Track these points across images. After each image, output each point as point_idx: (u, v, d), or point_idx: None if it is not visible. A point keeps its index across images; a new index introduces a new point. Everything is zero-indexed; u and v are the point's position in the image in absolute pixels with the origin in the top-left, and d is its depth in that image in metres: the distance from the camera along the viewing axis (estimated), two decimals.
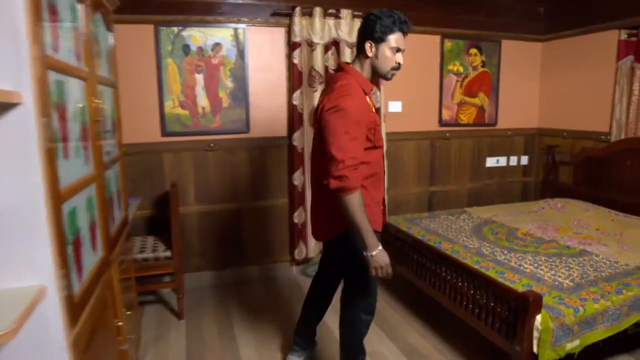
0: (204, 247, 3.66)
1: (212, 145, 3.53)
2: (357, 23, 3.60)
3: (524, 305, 2.03)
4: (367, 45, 1.94)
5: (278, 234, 3.84)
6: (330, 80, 2.02)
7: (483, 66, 4.32)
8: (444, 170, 4.34)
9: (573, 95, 4.29)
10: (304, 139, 3.66)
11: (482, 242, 3.06)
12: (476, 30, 4.19)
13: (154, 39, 3.30)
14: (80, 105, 1.51)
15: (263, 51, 3.58)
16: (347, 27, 3.62)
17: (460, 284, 2.56)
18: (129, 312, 2.13)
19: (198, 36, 3.40)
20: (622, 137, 3.85)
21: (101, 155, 1.77)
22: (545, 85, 4.59)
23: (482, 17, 4.21)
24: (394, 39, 1.93)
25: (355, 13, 3.63)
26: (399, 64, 1.98)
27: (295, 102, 3.59)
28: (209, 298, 3.50)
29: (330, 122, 1.80)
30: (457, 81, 4.23)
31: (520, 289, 2.21)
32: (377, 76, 2.07)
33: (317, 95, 3.61)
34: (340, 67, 2.05)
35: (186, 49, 3.39)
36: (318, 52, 3.58)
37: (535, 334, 2.03)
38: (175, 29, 3.33)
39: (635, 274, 2.47)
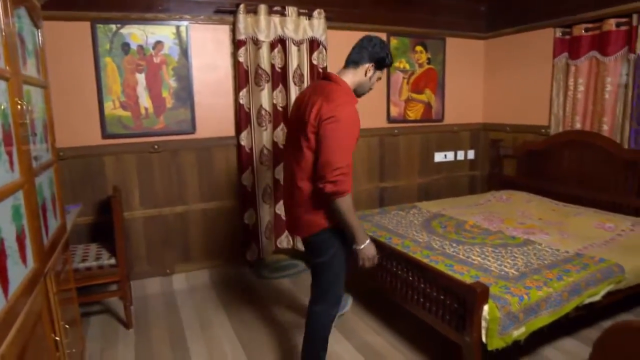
0: (152, 252, 3.53)
1: (156, 147, 3.41)
2: (303, 20, 3.60)
3: (472, 297, 2.07)
4: (368, 66, 2.08)
5: (228, 236, 3.76)
6: (321, 88, 2.06)
7: (429, 63, 4.40)
8: (393, 166, 4.39)
9: (514, 91, 4.45)
10: (252, 138, 3.60)
11: (431, 235, 3.11)
12: (421, 28, 4.27)
13: (90, 37, 3.15)
14: (1, 107, 1.40)
15: (207, 49, 3.49)
16: (293, 24, 3.59)
17: (411, 278, 2.58)
18: (69, 326, 2.01)
19: (138, 34, 3.27)
20: (560, 130, 4.02)
21: (29, 160, 1.65)
22: (489, 81, 4.73)
23: (426, 15, 4.29)
24: (384, 70, 2.19)
25: (301, 10, 3.60)
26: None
27: (242, 101, 3.52)
28: (159, 305, 3.37)
29: (328, 130, 1.91)
30: (403, 78, 4.29)
31: (468, 280, 2.26)
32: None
33: (264, 94, 3.56)
34: (330, 77, 2.11)
35: (126, 47, 3.25)
36: (264, 50, 3.53)
37: (484, 323, 2.07)
38: (114, 26, 3.19)
39: (575, 260, 2.59)
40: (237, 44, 3.48)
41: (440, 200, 4.16)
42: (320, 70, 3.72)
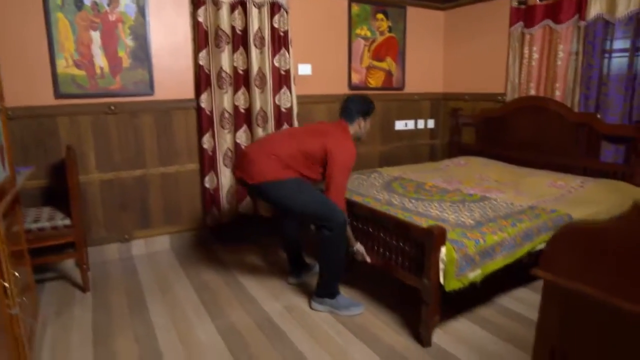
0: (109, 218, 3.45)
1: (113, 108, 3.31)
2: None
3: (430, 240, 2.12)
4: (361, 119, 2.79)
5: (189, 200, 3.71)
6: (331, 125, 2.79)
7: (390, 31, 4.43)
8: None
9: (473, 60, 4.54)
10: (212, 100, 3.54)
11: (391, 194, 3.16)
12: None
13: None
14: None
15: (165, 9, 3.40)
16: None
17: (370, 230, 2.63)
18: (18, 274, 1.94)
19: None
20: (516, 96, 4.14)
21: None
22: (449, 51, 4.81)
23: None
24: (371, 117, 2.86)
25: None
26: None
27: (201, 63, 3.45)
28: (117, 271, 3.30)
29: (342, 169, 2.57)
30: (365, 45, 4.31)
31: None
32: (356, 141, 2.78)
33: (224, 56, 3.51)
34: (342, 126, 2.75)
35: (79, 3, 3.12)
36: (224, 11, 3.46)
37: (441, 265, 2.13)
38: None
39: (528, 212, 2.69)
40: (196, 4, 3.40)
41: (401, 166, 4.23)
42: (282, 34, 3.68)
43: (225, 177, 3.66)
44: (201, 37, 3.43)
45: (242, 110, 3.65)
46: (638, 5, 3.24)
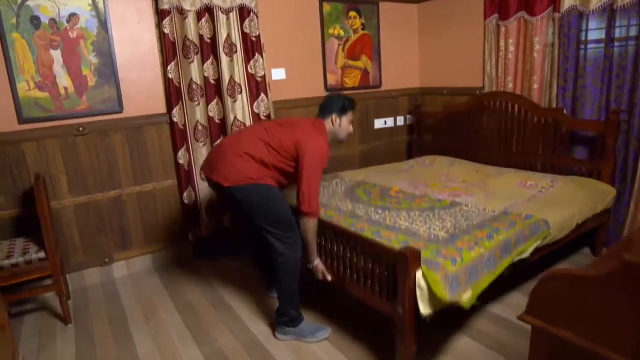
0: (87, 242, 3.34)
1: (81, 129, 3.18)
2: None
3: (403, 263, 1.97)
4: (335, 115, 2.61)
5: (168, 218, 3.61)
6: (306, 120, 2.65)
7: (363, 29, 4.34)
8: None
9: (449, 54, 4.49)
10: (184, 114, 3.43)
11: (356, 204, 3.02)
12: None
13: None
14: None
15: (128, 21, 3.25)
16: None
17: (336, 249, 2.50)
18: None
19: (49, 6, 2.98)
20: (494, 90, 4.11)
21: None
22: (424, 46, 4.75)
23: None
24: (351, 114, 2.69)
25: None
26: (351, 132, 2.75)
27: (170, 76, 3.33)
28: (99, 297, 3.21)
29: (311, 163, 2.41)
30: (339, 45, 4.21)
31: (397, 246, 2.16)
32: (336, 142, 2.72)
33: (194, 67, 3.39)
34: (318, 123, 2.62)
35: (36, 21, 2.96)
36: (190, 20, 3.33)
37: (418, 291, 1.98)
38: None
39: (502, 219, 2.61)
40: (161, 14, 3.26)
41: (363, 169, 4.11)
42: (254, 39, 3.57)
43: (204, 191, 3.56)
44: (168, 49, 3.30)
45: (217, 122, 3.54)
46: None
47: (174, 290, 3.24)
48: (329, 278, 2.54)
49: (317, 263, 2.55)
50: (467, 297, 2.09)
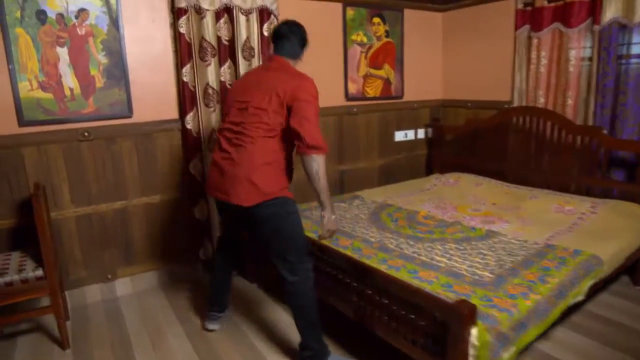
0: (89, 256, 3.07)
1: (86, 134, 2.92)
2: None
3: (457, 320, 1.67)
4: (302, 50, 2.35)
5: (177, 232, 3.34)
6: (281, 65, 2.24)
7: (387, 36, 4.12)
8: (353, 148, 4.11)
9: (475, 65, 4.28)
10: (199, 121, 3.18)
11: (383, 232, 2.78)
12: None
13: None
14: None
15: (142, 19, 3.01)
16: None
17: (369, 291, 2.14)
18: None
19: (56, 0, 2.74)
20: (524, 104, 3.89)
21: None
22: (448, 56, 4.53)
23: None
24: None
25: None
26: None
27: (185, 79, 3.08)
28: (101, 317, 2.93)
29: (308, 105, 2.04)
30: (361, 52, 3.99)
31: (440, 291, 1.95)
32: None
33: (210, 70, 3.15)
34: (282, 61, 2.25)
35: (42, 15, 2.71)
36: (208, 19, 3.10)
37: (471, 351, 1.70)
38: None
39: (549, 254, 2.39)
40: (177, 13, 3.02)
41: (383, 188, 3.90)
42: None
43: None
44: (184, 50, 3.06)
45: None
46: None
47: (182, 312, 2.97)
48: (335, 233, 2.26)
49: (333, 217, 2.19)
50: (507, 356, 1.81)
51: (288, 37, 2.26)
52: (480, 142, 4.08)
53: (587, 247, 2.46)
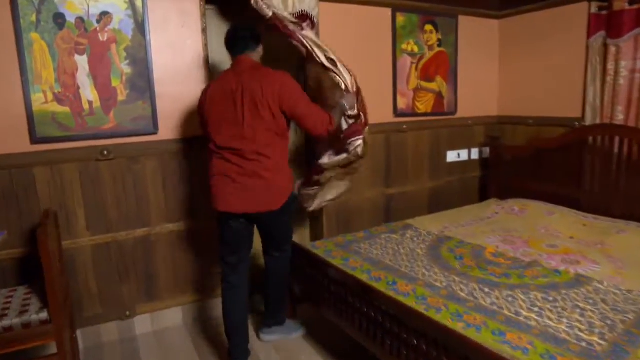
0: (105, 290, 2.72)
1: (106, 153, 2.59)
2: None
3: None
4: (261, 48, 2.36)
5: (205, 263, 2.97)
6: (251, 65, 2.28)
7: (439, 45, 3.70)
8: (400, 169, 3.68)
9: (537, 77, 3.81)
10: None
11: (448, 275, 2.31)
12: (430, 3, 3.55)
13: (9, 5, 2.29)
14: None
15: (171, 24, 2.69)
16: None
17: (435, 353, 1.73)
18: None
19: (76, 2, 2.44)
20: (598, 122, 3.41)
21: None
22: (505, 67, 4.07)
23: None
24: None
25: None
26: None
27: None
28: (116, 359, 2.57)
29: (299, 99, 2.24)
30: (412, 63, 3.57)
31: None
32: None
33: None
34: (248, 60, 2.30)
35: (60, 19, 2.41)
36: None
37: None
38: None
39: None
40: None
41: (436, 215, 3.44)
42: None
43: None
44: None
45: None
46: None
47: (208, 353, 2.59)
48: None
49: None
50: None
51: (238, 37, 2.30)
52: (545, 164, 3.59)
53: None
